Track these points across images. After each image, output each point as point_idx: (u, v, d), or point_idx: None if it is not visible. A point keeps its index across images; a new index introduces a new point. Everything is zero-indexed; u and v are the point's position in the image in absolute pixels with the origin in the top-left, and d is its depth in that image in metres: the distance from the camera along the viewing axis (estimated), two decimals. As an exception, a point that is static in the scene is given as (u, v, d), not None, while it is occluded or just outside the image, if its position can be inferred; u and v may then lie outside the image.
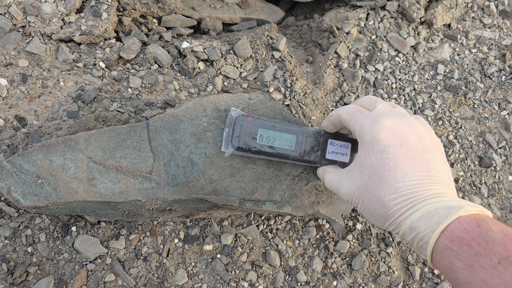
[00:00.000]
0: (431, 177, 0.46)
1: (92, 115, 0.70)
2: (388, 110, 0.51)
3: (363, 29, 0.89)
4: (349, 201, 0.51)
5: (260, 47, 0.81)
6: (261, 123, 0.59)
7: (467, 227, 0.39)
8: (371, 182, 0.47)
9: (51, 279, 0.65)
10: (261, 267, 0.70)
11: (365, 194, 0.48)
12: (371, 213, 0.48)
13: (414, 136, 0.48)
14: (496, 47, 0.94)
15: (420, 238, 0.43)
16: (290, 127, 0.60)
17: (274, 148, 0.59)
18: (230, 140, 0.60)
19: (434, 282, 0.74)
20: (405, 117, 0.50)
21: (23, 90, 0.71)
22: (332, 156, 0.61)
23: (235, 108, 0.61)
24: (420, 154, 0.47)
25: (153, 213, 0.66)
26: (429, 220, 0.42)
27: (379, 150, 0.47)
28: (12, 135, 0.68)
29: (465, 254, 0.38)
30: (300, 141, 0.60)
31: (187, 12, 0.92)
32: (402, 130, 0.48)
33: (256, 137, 0.59)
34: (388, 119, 0.49)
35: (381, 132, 0.48)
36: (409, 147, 0.47)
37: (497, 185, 0.83)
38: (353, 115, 0.52)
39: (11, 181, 0.59)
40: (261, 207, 0.63)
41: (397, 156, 0.47)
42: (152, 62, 0.77)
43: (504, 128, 0.87)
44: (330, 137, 0.61)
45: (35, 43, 0.73)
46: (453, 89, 0.88)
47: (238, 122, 0.59)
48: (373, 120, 0.49)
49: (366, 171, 0.48)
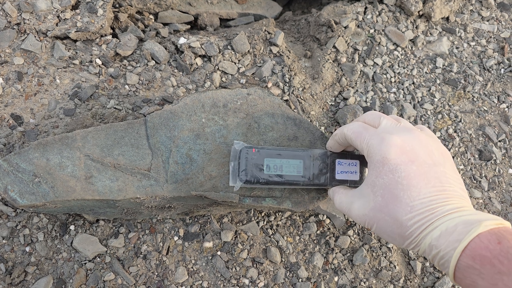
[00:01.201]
0: (445, 192, 0.46)
1: (89, 113, 0.69)
2: (393, 126, 0.51)
3: (361, 23, 0.88)
4: (361, 223, 0.50)
5: (258, 42, 0.80)
6: (266, 152, 0.58)
7: (487, 245, 0.39)
8: (385, 202, 0.47)
9: (50, 279, 0.64)
10: (262, 263, 0.70)
11: (380, 215, 0.47)
12: (388, 234, 0.47)
13: (424, 151, 0.48)
14: (495, 40, 0.94)
15: (441, 257, 0.42)
16: (295, 153, 0.59)
17: (282, 176, 0.58)
18: (237, 175, 0.59)
19: (436, 276, 0.73)
20: (411, 131, 0.50)
21: (19, 88, 0.70)
22: (342, 176, 0.60)
23: (237, 141, 0.60)
24: (432, 169, 0.47)
25: (152, 211, 0.65)
26: (449, 237, 0.42)
27: (391, 170, 0.47)
28: (8, 134, 0.67)
29: (488, 273, 0.38)
30: (308, 165, 0.59)
31: (183, 7, 0.91)
32: (411, 146, 0.48)
33: (263, 168, 0.58)
34: (396, 137, 0.48)
35: (390, 151, 0.47)
36: (420, 163, 0.47)
37: (497, 178, 0.82)
38: (359, 134, 0.52)
39: (8, 180, 0.58)
40: (261, 203, 0.63)
41: (409, 174, 0.46)
42: (149, 59, 0.76)
43: (504, 121, 0.87)
44: (338, 157, 0.60)
45: (30, 41, 0.72)
46: (452, 82, 0.88)
47: (243, 155, 0.58)
48: (380, 138, 0.49)
49: (379, 192, 0.47)
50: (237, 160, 0.59)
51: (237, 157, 0.59)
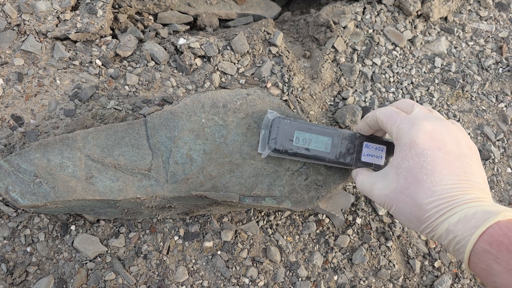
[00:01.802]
0: (468, 182, 0.46)
1: (89, 113, 0.69)
2: (425, 113, 0.52)
3: (360, 23, 0.89)
4: (382, 203, 0.51)
5: (257, 43, 0.80)
6: (298, 125, 0.60)
7: (506, 232, 0.40)
8: (408, 184, 0.47)
9: (51, 279, 0.64)
10: (262, 263, 0.70)
11: (400, 197, 0.48)
12: (406, 216, 0.48)
13: (452, 141, 0.49)
14: (493, 39, 0.94)
15: (457, 242, 0.43)
16: (326, 130, 0.61)
17: (310, 150, 0.60)
18: (267, 142, 0.60)
19: (434, 275, 0.74)
20: (442, 121, 0.51)
21: (19, 89, 0.70)
22: (367, 158, 0.61)
23: (271, 111, 0.62)
24: (458, 159, 0.47)
25: (152, 211, 0.66)
26: (467, 223, 0.42)
27: (417, 153, 0.48)
28: (9, 135, 0.67)
29: (504, 258, 0.39)
30: (336, 144, 0.60)
31: (183, 8, 0.91)
32: (440, 134, 0.49)
33: (293, 139, 0.59)
34: (427, 123, 0.49)
35: (419, 135, 0.48)
36: (447, 151, 0.48)
37: (495, 177, 0.83)
38: (390, 117, 0.53)
39: (9, 180, 0.59)
40: (261, 203, 0.63)
41: (435, 160, 0.47)
42: (149, 59, 0.77)
43: (502, 120, 0.87)
44: (366, 140, 0.62)
45: (30, 42, 0.72)
46: (451, 82, 0.88)
47: (275, 124, 0.59)
48: (411, 123, 0.50)
49: (403, 174, 0.48)
50: (268, 129, 0.60)
51: (269, 125, 0.61)
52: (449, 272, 0.74)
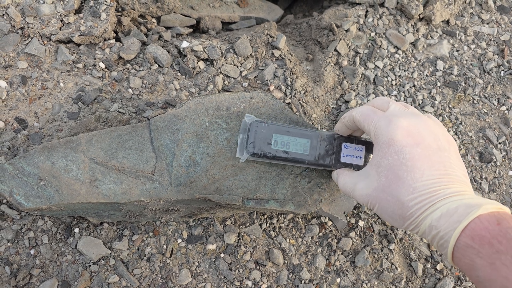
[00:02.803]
0: (448, 176, 0.46)
1: (93, 116, 0.70)
2: (401, 110, 0.52)
3: (362, 26, 0.89)
4: (364, 203, 0.51)
5: (260, 46, 0.80)
6: (276, 128, 0.60)
7: (487, 225, 0.40)
8: (389, 183, 0.47)
9: (55, 281, 0.65)
10: (265, 265, 0.71)
11: (382, 195, 0.48)
12: (389, 214, 0.48)
13: (429, 135, 0.49)
14: (495, 42, 0.95)
15: (440, 237, 0.43)
16: (304, 132, 0.60)
17: (288, 153, 0.60)
18: (245, 146, 0.60)
19: (437, 277, 0.74)
20: (419, 116, 0.51)
21: (23, 92, 0.70)
22: (346, 159, 0.61)
23: (249, 115, 0.62)
24: (436, 153, 0.48)
25: (156, 214, 0.66)
26: (450, 218, 0.42)
27: (396, 151, 0.48)
28: (13, 137, 0.67)
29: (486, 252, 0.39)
30: (315, 145, 0.60)
31: (186, 11, 0.92)
32: (418, 130, 0.49)
33: (271, 143, 0.59)
34: (403, 119, 0.49)
35: (397, 133, 0.48)
36: (425, 147, 0.48)
37: (497, 180, 0.83)
38: (367, 116, 0.52)
39: (13, 183, 0.59)
40: (264, 206, 0.63)
41: (414, 156, 0.47)
42: (152, 62, 0.77)
43: (504, 123, 0.88)
44: (344, 140, 0.61)
45: (34, 45, 0.73)
46: (453, 85, 0.88)
47: (252, 128, 0.59)
48: (388, 120, 0.50)
49: (383, 172, 0.48)
50: (246, 133, 0.60)
51: (246, 129, 0.60)
52: (451, 275, 0.74)
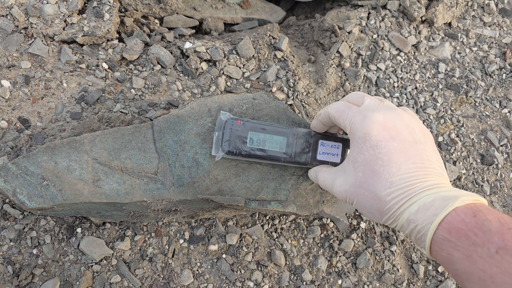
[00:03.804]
0: (425, 169, 0.46)
1: (96, 116, 0.70)
2: (376, 104, 0.51)
3: (364, 28, 0.89)
4: (343, 199, 0.51)
5: (262, 47, 0.81)
6: (251, 126, 0.59)
7: (463, 218, 0.40)
8: (366, 178, 0.47)
9: (57, 281, 0.65)
10: (267, 266, 0.71)
11: (360, 191, 0.48)
12: (368, 209, 0.48)
13: (405, 129, 0.48)
14: (497, 45, 0.95)
15: (418, 231, 0.43)
16: (280, 129, 0.60)
17: (264, 151, 0.59)
18: (220, 144, 0.59)
19: (438, 280, 0.74)
20: (394, 110, 0.50)
21: (26, 91, 0.71)
22: (323, 157, 0.61)
23: (224, 112, 0.61)
24: (413, 146, 0.47)
25: (158, 214, 0.66)
26: (426, 212, 0.42)
27: (372, 146, 0.47)
28: (16, 137, 0.67)
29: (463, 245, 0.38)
30: (291, 143, 0.60)
31: (188, 12, 0.92)
32: (393, 124, 0.48)
33: (246, 141, 0.59)
34: (378, 114, 0.49)
35: (372, 127, 0.48)
36: (401, 140, 0.47)
37: (499, 182, 0.83)
38: (342, 112, 0.52)
39: (16, 183, 0.59)
40: (266, 207, 0.63)
41: (390, 150, 0.46)
42: (155, 63, 0.77)
43: (506, 126, 0.88)
44: (321, 138, 0.61)
45: (37, 45, 0.73)
46: (455, 87, 0.88)
47: (227, 126, 0.59)
48: (363, 115, 0.49)
49: (360, 168, 0.48)
50: (221, 130, 0.59)
51: (222, 127, 0.60)
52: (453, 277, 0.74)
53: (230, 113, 0.62)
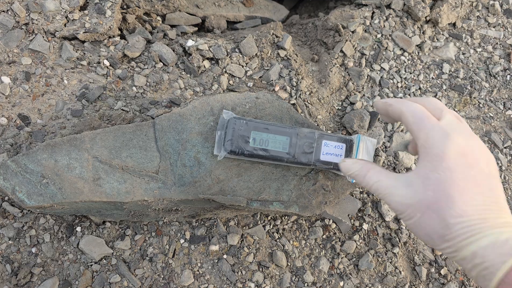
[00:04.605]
0: (498, 204, 0.44)
1: (97, 114, 0.69)
2: (457, 124, 0.49)
3: (368, 27, 0.88)
4: (399, 211, 0.48)
5: (265, 46, 0.80)
6: (254, 125, 0.58)
7: None
8: (436, 199, 0.45)
9: (56, 280, 0.64)
10: (268, 267, 0.70)
11: (425, 210, 0.45)
12: (426, 231, 0.46)
13: (483, 159, 0.46)
14: (501, 46, 0.94)
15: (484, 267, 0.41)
16: (283, 129, 0.59)
17: (267, 150, 0.58)
18: (223, 144, 0.58)
19: (441, 282, 0.73)
20: (473, 136, 0.48)
21: (27, 88, 0.70)
22: (326, 157, 0.60)
23: (227, 111, 0.60)
24: (488, 179, 0.45)
25: (159, 213, 0.65)
26: (499, 249, 0.40)
27: (449, 167, 0.45)
28: (16, 134, 0.67)
29: None
30: (294, 143, 0.59)
31: (191, 9, 0.91)
32: (473, 151, 0.46)
33: (249, 140, 0.58)
34: (461, 137, 0.47)
35: (451, 149, 0.45)
36: (478, 170, 0.45)
37: (502, 185, 0.82)
38: (420, 120, 0.49)
39: (16, 181, 0.58)
40: (268, 207, 0.63)
41: (466, 177, 0.44)
42: (157, 60, 0.76)
43: (510, 127, 0.87)
44: (324, 138, 0.60)
45: (38, 41, 0.72)
46: (459, 88, 0.88)
47: (230, 125, 0.58)
48: (444, 133, 0.47)
49: (431, 187, 0.45)
50: (224, 130, 0.59)
51: (224, 126, 0.59)
52: (456, 280, 0.74)
53: (233, 112, 0.61)
